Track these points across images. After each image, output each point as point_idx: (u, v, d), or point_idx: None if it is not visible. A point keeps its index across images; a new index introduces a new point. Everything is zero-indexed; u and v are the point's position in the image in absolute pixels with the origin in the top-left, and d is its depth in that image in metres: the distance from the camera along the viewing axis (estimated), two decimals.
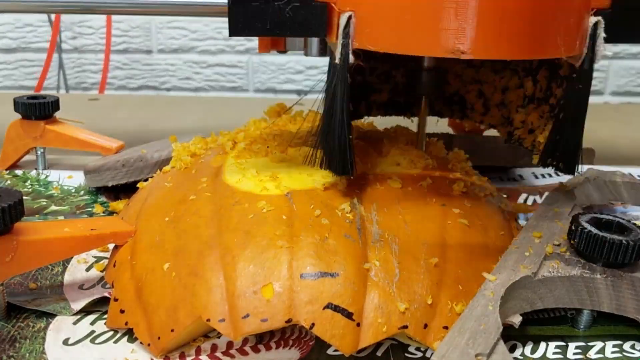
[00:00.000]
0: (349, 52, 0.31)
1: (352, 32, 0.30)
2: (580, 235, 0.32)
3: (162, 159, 0.47)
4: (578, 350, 0.32)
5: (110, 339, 0.32)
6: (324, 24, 0.32)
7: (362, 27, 0.30)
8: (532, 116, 0.41)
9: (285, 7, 0.31)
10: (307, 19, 0.32)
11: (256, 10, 0.31)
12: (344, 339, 0.28)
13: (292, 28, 0.32)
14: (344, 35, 0.30)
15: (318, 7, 0.31)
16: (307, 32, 0.32)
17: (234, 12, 0.31)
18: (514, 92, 0.44)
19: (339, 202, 0.34)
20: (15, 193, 0.31)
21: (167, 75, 1.11)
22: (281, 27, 0.32)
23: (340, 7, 0.31)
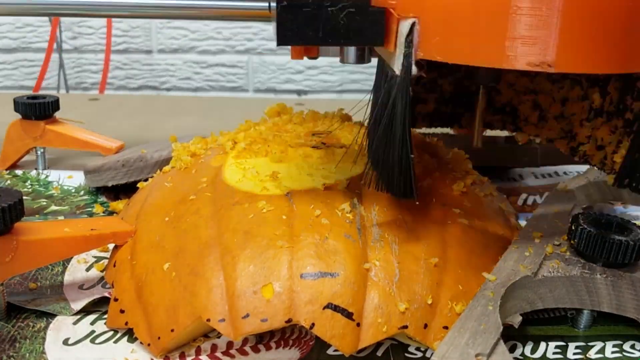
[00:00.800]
0: (411, 63, 0.27)
1: (415, 40, 0.27)
2: (580, 235, 0.32)
3: (162, 159, 0.47)
4: (578, 350, 0.32)
5: (110, 339, 0.32)
6: (381, 32, 0.29)
7: (429, 36, 0.27)
8: (601, 131, 0.38)
9: (340, 14, 0.28)
10: (363, 26, 0.28)
11: (308, 17, 0.28)
12: (344, 339, 0.28)
13: (347, 36, 0.29)
14: (406, 44, 0.27)
15: (375, 13, 0.28)
16: (362, 41, 0.29)
17: (283, 20, 0.28)
18: (576, 103, 0.41)
19: (339, 202, 0.34)
20: (15, 193, 0.31)
21: (167, 75, 1.11)
22: (335, 35, 0.29)
23: (400, 13, 0.28)
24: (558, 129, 0.43)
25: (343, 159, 0.39)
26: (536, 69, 0.25)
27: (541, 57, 0.25)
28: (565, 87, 0.41)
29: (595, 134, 0.38)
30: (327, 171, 0.37)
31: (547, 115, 0.43)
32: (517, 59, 0.25)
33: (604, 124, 0.37)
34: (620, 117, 0.36)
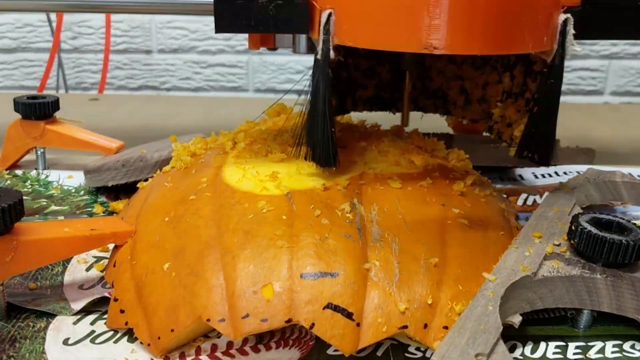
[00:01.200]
0: (329, 48, 0.32)
1: (332, 28, 0.31)
2: (580, 235, 0.32)
3: (162, 159, 0.47)
4: (578, 350, 0.32)
5: (110, 339, 0.32)
6: (306, 21, 0.33)
7: (342, 24, 0.31)
8: (509, 110, 0.42)
9: (269, 5, 0.32)
10: (290, 16, 0.33)
11: (240, 8, 0.32)
12: (343, 338, 0.28)
13: (276, 25, 0.33)
14: (324, 31, 0.31)
15: (300, 4, 0.32)
16: (290, 29, 0.33)
17: (220, 10, 0.32)
18: (493, 87, 0.45)
19: (339, 202, 0.34)
20: (15, 193, 0.31)
21: (167, 75, 1.11)
22: (265, 24, 0.33)
23: (320, 5, 0.32)
24: (480, 110, 0.47)
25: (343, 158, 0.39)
26: (425, 51, 0.30)
27: (431, 40, 0.29)
28: (485, 73, 0.46)
29: (505, 113, 0.43)
30: (327, 171, 0.37)
31: (472, 98, 0.48)
32: (412, 43, 0.30)
33: (512, 104, 0.42)
34: (523, 97, 0.40)
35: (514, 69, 0.42)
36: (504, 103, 0.43)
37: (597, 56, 1.08)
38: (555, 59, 0.33)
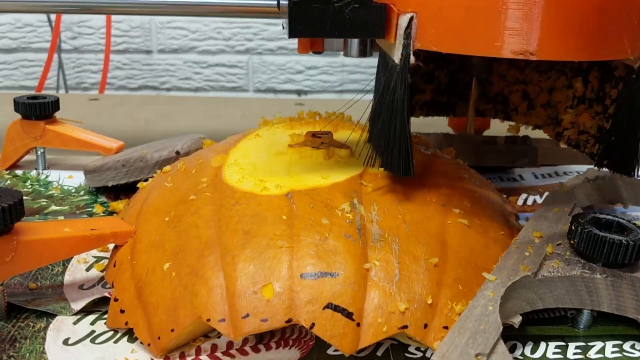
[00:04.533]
0: (410, 53, 0.31)
1: (413, 33, 0.30)
2: (580, 235, 0.32)
3: (162, 159, 0.47)
4: (578, 350, 0.32)
5: (111, 339, 0.32)
6: (382, 25, 0.32)
7: (425, 28, 0.30)
8: (583, 117, 0.40)
9: (345, 9, 0.31)
10: (366, 20, 0.32)
11: (316, 12, 0.31)
12: (344, 338, 0.28)
13: (351, 29, 0.32)
14: (405, 36, 0.30)
15: (377, 8, 0.32)
16: (365, 33, 0.32)
17: (294, 14, 0.31)
18: (561, 92, 0.44)
19: (339, 202, 0.34)
20: (15, 193, 0.31)
21: (167, 75, 1.11)
22: (341, 28, 0.32)
23: (400, 8, 0.31)
24: (545, 116, 0.46)
25: (343, 159, 0.39)
26: (519, 57, 0.28)
27: (524, 46, 0.28)
28: (552, 78, 0.45)
29: (578, 120, 0.41)
30: (327, 171, 0.37)
31: (535, 103, 0.47)
32: (503, 48, 0.29)
33: (586, 110, 0.40)
34: (600, 103, 0.39)
35: (588, 73, 0.40)
36: (575, 109, 0.42)
37: None
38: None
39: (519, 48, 0.28)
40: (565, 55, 0.29)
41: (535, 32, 0.28)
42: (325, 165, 0.38)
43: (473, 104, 0.47)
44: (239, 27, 1.08)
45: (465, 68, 0.47)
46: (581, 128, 0.41)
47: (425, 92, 0.50)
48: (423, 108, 0.50)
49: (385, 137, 0.34)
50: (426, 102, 0.50)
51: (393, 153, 0.33)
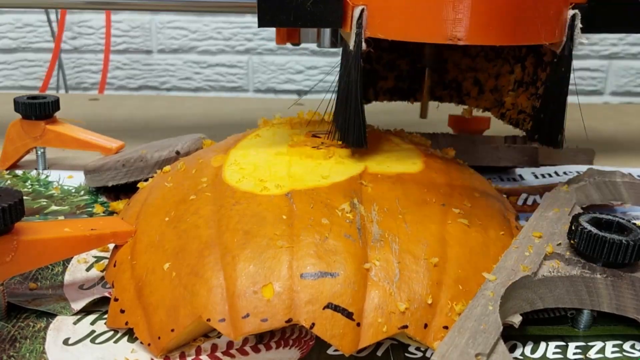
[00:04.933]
0: (361, 40, 0.35)
1: (364, 22, 0.35)
2: (580, 235, 0.32)
3: (162, 159, 0.47)
4: (578, 350, 0.32)
5: (111, 339, 0.32)
6: (340, 16, 0.36)
7: (374, 18, 0.35)
8: (521, 98, 0.45)
9: (307, 2, 0.36)
10: (325, 11, 0.36)
11: (281, 4, 0.36)
12: (344, 338, 0.28)
13: (313, 20, 0.36)
14: (357, 25, 0.35)
15: (334, 1, 0.36)
16: (325, 24, 0.37)
17: (262, 6, 0.36)
18: (505, 77, 0.49)
19: (339, 202, 0.34)
20: (15, 193, 0.31)
21: (167, 75, 1.11)
22: (303, 19, 0.36)
23: (353, 2, 0.35)
24: (492, 99, 0.51)
25: (343, 159, 0.39)
26: (449, 42, 0.33)
27: (454, 32, 0.33)
28: (497, 65, 0.50)
29: (517, 101, 0.46)
30: (327, 171, 0.37)
31: (485, 88, 0.52)
32: (437, 35, 0.33)
33: (523, 92, 0.45)
34: (534, 86, 0.43)
35: (525, 60, 0.45)
36: (515, 92, 0.47)
37: (597, 56, 1.08)
38: (564, 50, 0.36)
39: (450, 34, 0.33)
40: (487, 40, 0.33)
41: (464, 20, 0.32)
42: (325, 165, 0.38)
43: (427, 91, 0.52)
44: (239, 27, 1.08)
45: (420, 58, 0.53)
46: (519, 108, 0.46)
47: (388, 79, 0.54)
48: (386, 93, 0.55)
49: (342, 114, 0.38)
50: (389, 88, 0.55)
51: (349, 127, 0.38)
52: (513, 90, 0.47)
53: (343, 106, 0.38)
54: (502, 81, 0.49)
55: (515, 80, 0.47)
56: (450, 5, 0.32)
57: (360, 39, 0.35)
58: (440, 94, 0.56)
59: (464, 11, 0.32)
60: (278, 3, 0.35)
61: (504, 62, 0.49)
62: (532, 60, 0.44)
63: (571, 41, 0.36)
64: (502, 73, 0.49)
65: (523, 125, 0.45)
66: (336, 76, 0.39)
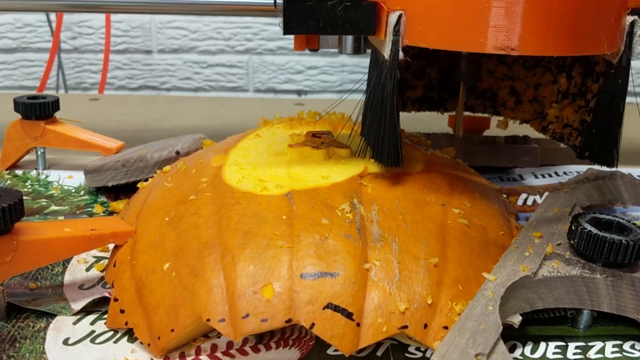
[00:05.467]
0: (399, 49, 0.32)
1: (402, 29, 0.32)
2: (580, 235, 0.32)
3: (162, 159, 0.47)
4: (578, 350, 0.32)
5: (111, 339, 0.32)
6: (373, 22, 0.33)
7: (413, 25, 0.32)
8: (566, 111, 0.42)
9: (337, 7, 0.33)
10: (357, 17, 0.33)
11: (310, 10, 0.33)
12: (343, 338, 0.28)
13: (343, 26, 0.33)
14: (394, 32, 0.32)
15: (368, 6, 0.33)
16: (357, 30, 0.34)
17: (289, 11, 0.33)
18: (547, 87, 0.45)
19: (339, 202, 0.34)
20: (15, 193, 0.31)
21: (167, 75, 1.11)
22: (333, 25, 0.33)
23: (389, 6, 0.32)
24: (532, 111, 0.48)
25: (343, 159, 0.39)
26: (501, 52, 0.30)
27: (506, 42, 0.30)
28: (538, 74, 0.47)
29: (562, 114, 0.43)
30: (327, 171, 0.37)
31: (522, 99, 0.49)
32: (486, 44, 0.30)
33: (569, 105, 0.42)
34: (582, 98, 0.40)
35: (571, 69, 0.42)
36: (559, 104, 0.43)
37: None
38: (622, 60, 0.33)
39: (501, 44, 0.30)
40: (544, 50, 0.30)
41: (517, 28, 0.29)
42: (325, 165, 0.38)
43: (461, 107, 0.48)
44: (239, 27, 1.08)
45: (454, 72, 0.49)
46: (565, 122, 0.43)
47: (416, 88, 0.51)
48: (415, 104, 0.52)
49: (375, 130, 0.35)
50: (418, 97, 0.52)
51: (383, 145, 0.35)
52: (557, 102, 0.44)
53: (376, 121, 0.35)
54: (544, 92, 0.46)
55: (560, 91, 0.43)
56: (503, 11, 0.29)
57: (397, 47, 0.32)
58: (473, 103, 0.52)
59: (517, 17, 0.29)
60: (306, 8, 0.32)
61: (545, 71, 0.46)
62: (579, 69, 0.41)
63: (630, 50, 0.33)
64: (544, 83, 0.46)
65: (569, 141, 0.42)
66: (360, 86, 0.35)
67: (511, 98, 0.50)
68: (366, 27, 0.33)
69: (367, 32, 0.34)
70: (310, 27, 0.33)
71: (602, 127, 0.36)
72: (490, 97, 0.51)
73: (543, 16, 0.29)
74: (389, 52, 0.32)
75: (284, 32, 0.33)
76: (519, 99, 0.49)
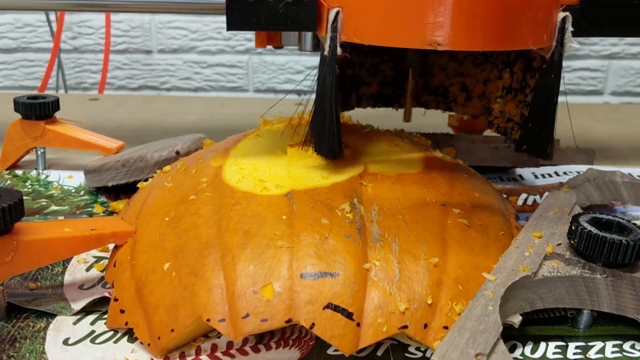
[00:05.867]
0: (336, 45, 0.33)
1: (339, 26, 0.33)
2: (580, 235, 0.32)
3: (162, 159, 0.47)
4: (578, 350, 0.32)
5: (111, 339, 0.32)
6: (314, 19, 0.34)
7: (349, 22, 0.32)
8: (509, 106, 0.43)
9: (279, 4, 0.33)
10: (298, 14, 0.34)
11: (251, 7, 0.33)
12: (343, 338, 0.28)
13: (285, 23, 0.34)
14: (332, 29, 0.33)
15: (309, 3, 0.34)
16: (299, 27, 0.34)
17: (231, 8, 0.34)
18: (493, 83, 0.46)
19: (339, 202, 0.34)
20: (15, 193, 0.31)
21: (167, 75, 1.11)
22: (275, 22, 0.34)
23: (329, 3, 0.33)
24: (480, 106, 0.48)
25: (343, 159, 0.39)
26: (429, 47, 0.31)
27: (433, 37, 0.31)
28: (486, 70, 0.47)
29: (505, 109, 0.43)
30: (327, 171, 0.37)
31: (472, 94, 0.49)
32: (415, 40, 0.31)
33: (512, 100, 0.43)
34: (522, 92, 0.41)
35: (514, 65, 0.43)
36: (503, 99, 0.44)
37: (597, 56, 1.08)
38: (554, 56, 0.34)
39: (429, 39, 0.31)
40: (471, 45, 0.31)
41: (444, 24, 0.30)
42: (325, 165, 0.38)
43: (410, 93, 0.48)
44: None
45: (402, 59, 0.50)
46: (508, 116, 0.43)
47: (371, 85, 0.51)
48: (369, 100, 0.52)
49: (317, 123, 0.36)
50: (372, 94, 0.52)
51: (323, 137, 0.36)
52: (501, 97, 0.44)
53: (318, 114, 0.36)
54: (491, 87, 0.47)
55: (504, 87, 0.44)
56: (430, 8, 0.30)
57: (335, 43, 0.33)
58: (426, 99, 0.53)
59: (445, 14, 0.30)
60: (248, 5, 0.33)
61: (493, 67, 0.46)
62: (521, 65, 0.42)
63: (561, 46, 0.33)
64: (491, 79, 0.47)
65: (511, 135, 0.43)
66: (314, 82, 0.36)
67: (462, 94, 0.50)
68: (308, 24, 0.34)
69: (309, 28, 0.34)
70: (252, 23, 0.34)
71: (537, 121, 0.36)
72: (443, 93, 0.52)
73: (469, 12, 0.30)
74: (327, 47, 0.33)
75: (227, 28, 0.34)
76: (469, 95, 0.50)
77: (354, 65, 0.50)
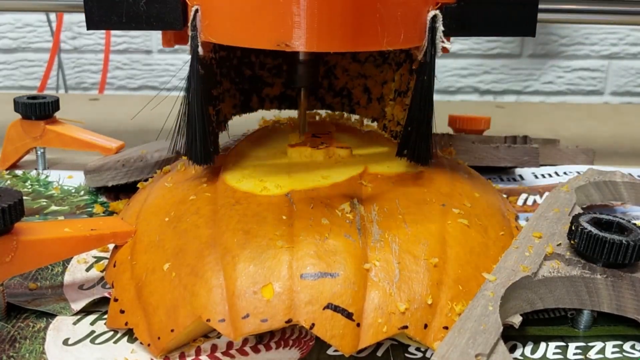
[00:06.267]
0: (197, 44, 0.32)
1: (199, 24, 0.31)
2: (580, 235, 0.32)
3: (162, 159, 0.47)
4: (578, 351, 0.32)
5: (110, 339, 0.32)
6: (179, 17, 0.32)
7: (205, 20, 0.31)
8: (396, 109, 0.41)
9: (140, 1, 0.32)
10: (161, 12, 0.32)
11: (111, 4, 0.32)
12: (344, 339, 0.28)
13: (148, 21, 0.32)
14: (192, 27, 0.32)
15: (172, 1, 0.32)
16: (164, 26, 0.33)
17: (90, 6, 0.32)
18: (388, 85, 0.44)
19: (339, 202, 0.34)
20: (15, 193, 0.31)
21: (167, 75, 1.11)
22: (138, 20, 0.32)
23: (191, 1, 0.32)
24: (379, 109, 0.46)
25: (343, 159, 0.39)
26: (277, 48, 0.29)
27: (282, 38, 0.29)
28: (384, 71, 0.45)
29: (393, 112, 0.42)
30: (327, 171, 0.37)
31: (372, 97, 0.47)
32: (264, 40, 0.30)
33: (399, 103, 0.41)
34: (406, 95, 0.39)
35: (402, 67, 0.41)
36: (394, 101, 0.42)
37: (597, 56, 1.08)
38: (426, 56, 0.32)
39: (278, 39, 0.29)
40: (321, 46, 0.30)
41: (293, 24, 0.29)
42: (325, 165, 0.38)
43: (303, 113, 0.44)
44: None
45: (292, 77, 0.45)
46: (396, 119, 0.42)
47: (274, 86, 0.49)
48: (273, 101, 0.50)
49: (188, 127, 0.35)
50: (276, 95, 0.50)
51: (194, 142, 0.34)
52: (393, 100, 0.42)
53: (186, 116, 0.35)
54: (386, 89, 0.45)
55: (395, 89, 0.42)
56: (279, 7, 0.29)
57: (196, 42, 0.31)
58: (331, 102, 0.50)
59: (289, 14, 0.29)
60: (107, 3, 0.32)
61: (389, 69, 0.44)
62: (407, 66, 0.40)
63: (432, 46, 0.32)
64: (387, 80, 0.45)
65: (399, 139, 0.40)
66: None
67: (364, 96, 0.48)
68: (173, 22, 0.33)
69: (174, 27, 0.33)
70: (113, 22, 0.32)
71: (415, 125, 0.35)
72: (347, 95, 0.50)
73: (322, 12, 0.29)
74: (189, 47, 0.32)
75: (87, 27, 0.32)
76: (370, 97, 0.48)
77: (253, 66, 0.47)
